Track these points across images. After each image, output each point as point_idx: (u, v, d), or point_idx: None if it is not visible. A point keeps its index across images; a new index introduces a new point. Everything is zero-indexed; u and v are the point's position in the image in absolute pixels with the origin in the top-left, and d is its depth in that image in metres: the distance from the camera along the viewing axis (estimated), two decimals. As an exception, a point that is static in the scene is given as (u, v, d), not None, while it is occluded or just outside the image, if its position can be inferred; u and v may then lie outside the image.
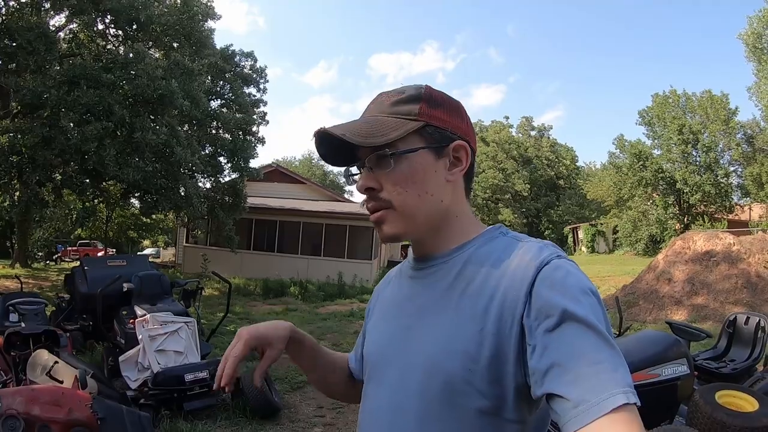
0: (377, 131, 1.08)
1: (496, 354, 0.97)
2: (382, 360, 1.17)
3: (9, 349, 6.15)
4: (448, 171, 1.13)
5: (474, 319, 1.01)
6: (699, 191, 33.21)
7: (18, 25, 13.32)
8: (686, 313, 11.66)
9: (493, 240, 1.12)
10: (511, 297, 0.98)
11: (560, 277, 0.95)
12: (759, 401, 4.25)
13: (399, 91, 1.14)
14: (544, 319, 0.92)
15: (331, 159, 1.18)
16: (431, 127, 1.11)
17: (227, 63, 19.53)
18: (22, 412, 3.88)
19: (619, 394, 0.82)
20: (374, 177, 1.11)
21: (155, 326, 6.31)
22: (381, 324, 1.24)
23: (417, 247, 1.19)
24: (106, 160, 13.19)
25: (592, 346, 0.87)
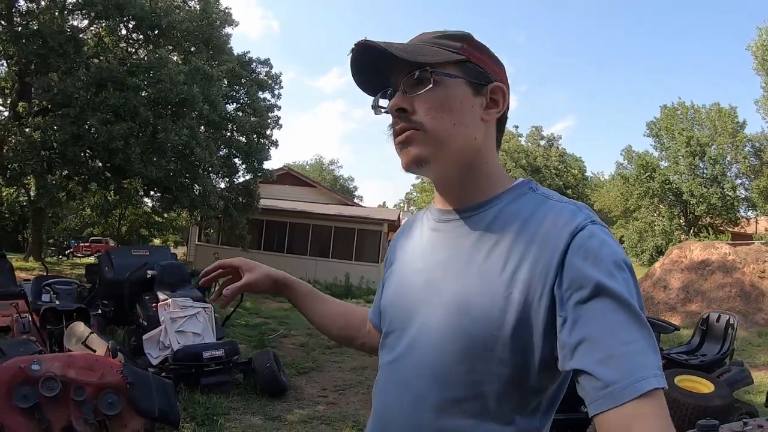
0: (420, 52, 1.05)
1: (522, 323, 0.95)
2: (402, 313, 1.14)
3: (44, 324, 6.78)
4: (483, 110, 1.10)
5: (500, 284, 0.98)
6: (705, 203, 33.39)
7: (50, 29, 13.96)
8: (680, 319, 12.05)
9: (523, 196, 1.09)
10: (542, 264, 0.95)
11: (595, 247, 0.93)
12: (715, 385, 4.84)
13: (443, 30, 1.13)
14: (576, 290, 0.90)
15: (362, 80, 1.14)
16: (471, 64, 1.09)
17: (244, 69, 20.14)
18: (59, 375, 4.41)
19: (651, 377, 0.81)
20: (408, 99, 1.06)
21: (176, 309, 6.87)
22: (400, 276, 1.21)
23: (444, 190, 1.16)
24: (131, 158, 13.91)
25: (625, 324, 0.86)
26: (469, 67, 1.08)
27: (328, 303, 1.50)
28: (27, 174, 15.82)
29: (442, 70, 1.05)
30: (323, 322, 1.47)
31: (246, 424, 5.47)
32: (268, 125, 20.13)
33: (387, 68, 1.09)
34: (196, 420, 5.27)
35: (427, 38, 1.11)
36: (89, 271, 10.62)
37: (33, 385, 4.16)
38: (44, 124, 14.98)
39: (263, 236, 23.19)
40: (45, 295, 7.55)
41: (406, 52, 1.03)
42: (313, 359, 8.68)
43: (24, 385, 4.16)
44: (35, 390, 4.14)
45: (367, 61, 1.08)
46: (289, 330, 11.33)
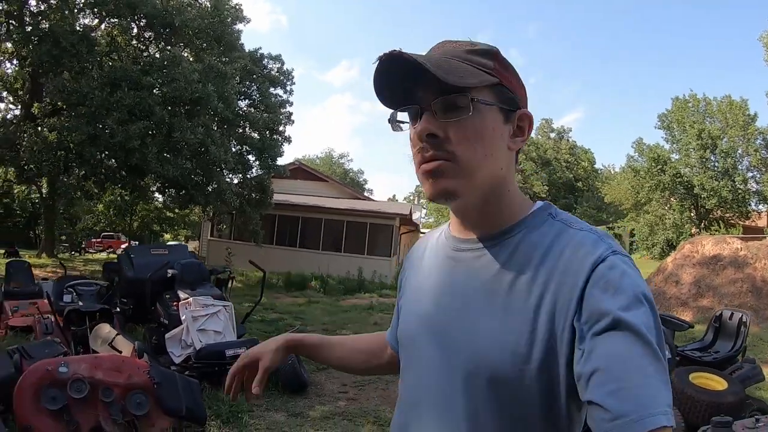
0: (455, 71, 0.99)
1: (549, 356, 0.94)
2: (420, 347, 1.13)
3: (68, 325, 6.92)
4: (510, 138, 1.07)
5: (525, 317, 0.96)
6: (716, 197, 33.31)
7: (62, 29, 14.12)
8: (692, 315, 12.06)
9: (543, 224, 1.06)
10: (563, 297, 0.94)
11: (615, 279, 0.91)
12: (728, 382, 4.98)
13: (470, 42, 1.07)
14: (594, 323, 0.88)
15: (385, 90, 1.07)
16: (503, 88, 1.05)
17: (256, 65, 20.30)
18: (87, 377, 4.41)
19: (660, 415, 0.80)
20: (440, 124, 1.00)
21: (197, 308, 7.01)
22: (418, 302, 1.18)
23: (464, 218, 1.12)
24: (148, 158, 14.10)
25: (640, 358, 0.84)
26: (501, 91, 1.04)
27: (342, 344, 1.47)
28: (43, 174, 16.04)
29: (479, 95, 1.01)
30: (345, 364, 1.46)
31: (269, 421, 5.62)
32: (280, 121, 20.28)
33: (414, 83, 1.02)
34: (221, 417, 5.41)
35: (457, 52, 1.04)
36: (107, 269, 10.76)
37: (61, 387, 4.20)
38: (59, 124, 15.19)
39: (276, 231, 23.32)
40: (67, 295, 7.75)
41: (444, 72, 0.96)
42: (332, 355, 8.79)
43: (52, 387, 4.18)
44: (64, 392, 4.18)
45: (394, 72, 1.01)
46: (305, 325, 11.48)
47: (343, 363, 1.46)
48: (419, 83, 1.02)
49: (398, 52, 0.97)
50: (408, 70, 0.99)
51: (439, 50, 1.06)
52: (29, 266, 10.91)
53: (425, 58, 0.98)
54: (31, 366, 4.41)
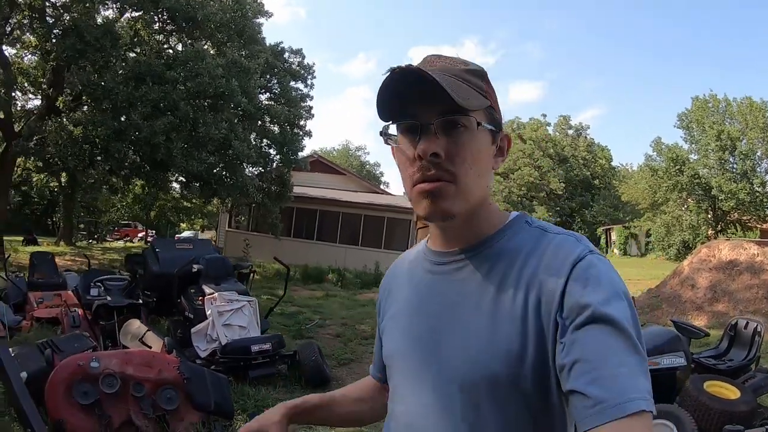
0: (462, 92, 1.00)
1: (541, 354, 0.96)
2: (411, 364, 1.12)
3: (97, 319, 7.10)
4: (494, 158, 1.11)
5: (514, 320, 0.99)
6: (733, 199, 33.05)
7: (86, 23, 14.31)
8: (706, 319, 12.06)
9: (520, 231, 1.09)
10: (546, 295, 0.97)
11: (594, 276, 0.95)
12: (741, 391, 5.11)
13: (463, 61, 1.09)
14: (575, 316, 0.91)
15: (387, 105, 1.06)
16: (492, 110, 1.08)
17: (277, 59, 20.45)
18: (118, 372, 4.58)
19: (639, 400, 0.83)
20: (441, 143, 1.01)
21: (223, 303, 7.19)
22: (402, 323, 1.18)
23: (443, 235, 1.14)
24: (173, 153, 14.35)
25: (618, 349, 0.87)
26: (491, 113, 1.08)
27: (341, 400, 1.41)
28: (69, 168, 16.30)
29: (479, 118, 1.03)
30: (349, 418, 1.43)
31: (294, 416, 5.79)
32: (302, 116, 20.47)
33: (419, 99, 1.02)
34: (247, 412, 5.57)
35: (455, 71, 1.05)
36: (130, 261, 10.87)
37: (93, 382, 4.39)
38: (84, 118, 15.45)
39: (293, 223, 23.49)
40: (94, 289, 7.89)
41: (458, 94, 0.97)
42: (351, 350, 9.03)
43: (84, 382, 4.37)
44: (95, 387, 4.37)
45: (401, 85, 1.01)
46: (323, 319, 11.65)
47: (349, 418, 1.42)
48: (423, 100, 1.01)
49: (416, 67, 0.98)
50: (414, 85, 1.00)
51: (436, 66, 1.05)
52: (53, 257, 11.10)
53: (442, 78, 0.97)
54: (63, 361, 4.55)
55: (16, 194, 31.42)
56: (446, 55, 1.10)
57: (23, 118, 17.98)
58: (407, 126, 1.05)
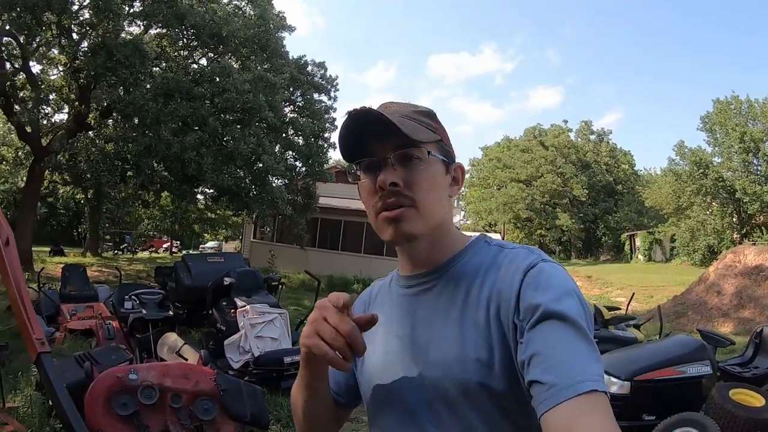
0: (413, 128, 1.11)
1: (507, 358, 1.03)
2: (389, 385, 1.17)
3: (132, 332, 7.28)
4: (449, 187, 1.20)
5: (479, 328, 1.06)
6: (758, 201, 32.65)
7: (115, 42, 14.64)
8: (732, 326, 12.11)
9: (480, 250, 1.18)
10: (504, 302, 1.04)
11: (543, 279, 1.03)
12: (766, 399, 5.18)
13: (413, 105, 1.22)
14: (530, 317, 0.98)
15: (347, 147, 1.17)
16: (443, 144, 1.19)
17: (300, 72, 20.68)
18: (156, 383, 4.69)
19: (588, 381, 0.88)
20: (398, 173, 1.11)
21: (255, 316, 7.34)
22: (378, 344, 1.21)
23: (411, 260, 1.21)
24: (204, 168, 14.64)
25: (569, 339, 0.94)
26: (441, 146, 1.18)
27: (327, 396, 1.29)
28: (101, 183, 16.66)
29: (430, 149, 1.13)
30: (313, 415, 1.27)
31: (327, 425, 5.94)
32: (325, 128, 20.71)
33: (374, 137, 1.12)
34: (281, 422, 5.76)
35: (406, 112, 1.16)
36: (160, 273, 11.05)
37: (131, 394, 4.48)
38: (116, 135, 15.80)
39: (318, 234, 23.67)
40: (128, 302, 8.03)
41: (408, 129, 1.08)
42: (379, 360, 9.09)
43: (123, 393, 4.46)
44: (134, 398, 4.47)
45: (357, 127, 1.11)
46: (350, 330, 11.77)
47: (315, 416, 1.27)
48: (379, 138, 1.12)
49: (369, 108, 1.09)
50: (370, 125, 1.10)
51: (390, 110, 1.14)
52: (85, 270, 11.26)
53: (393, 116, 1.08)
54: (102, 373, 4.65)
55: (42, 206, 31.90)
56: (398, 101, 1.22)
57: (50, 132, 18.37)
58: (367, 164, 1.15)
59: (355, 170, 1.18)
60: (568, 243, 57.08)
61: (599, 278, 25.45)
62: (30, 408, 5.00)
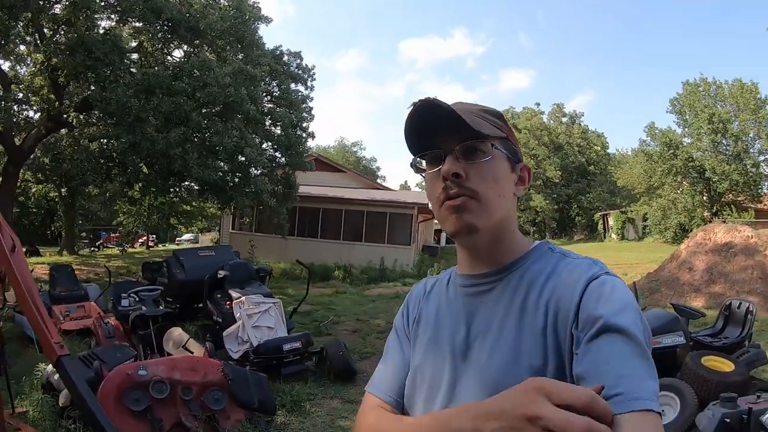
0: (478, 122, 1.11)
1: (560, 365, 1.02)
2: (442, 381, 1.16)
3: (134, 329, 7.40)
4: (515, 185, 1.20)
5: (536, 335, 1.05)
6: (727, 180, 33.35)
7: (94, 38, 14.56)
8: (704, 300, 12.49)
9: (543, 256, 1.17)
10: (563, 311, 1.03)
11: (606, 292, 1.01)
12: (736, 365, 5.73)
13: (480, 105, 1.21)
14: (588, 329, 0.97)
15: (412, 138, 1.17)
16: (509, 143, 1.18)
17: (277, 63, 20.71)
18: (166, 378, 4.97)
19: (647, 399, 0.85)
20: (462, 165, 1.12)
21: (250, 306, 7.57)
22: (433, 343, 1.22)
23: (472, 259, 1.21)
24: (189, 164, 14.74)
25: (627, 354, 0.91)
26: (508, 144, 1.18)
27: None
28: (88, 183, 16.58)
29: (495, 144, 1.14)
30: None
31: (328, 408, 6.26)
32: (304, 118, 20.81)
33: (439, 130, 1.12)
34: (285, 407, 6.03)
35: (472, 109, 1.16)
36: (147, 269, 10.98)
37: (143, 389, 4.79)
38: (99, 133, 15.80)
39: (297, 222, 23.77)
40: (125, 300, 8.19)
41: (473, 122, 1.08)
42: (371, 344, 9.44)
43: (134, 389, 4.77)
44: (146, 393, 4.78)
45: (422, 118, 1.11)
46: (338, 316, 12.10)
47: None
48: (444, 132, 1.12)
49: (433, 99, 1.09)
50: (434, 118, 1.11)
51: (458, 106, 1.13)
52: (72, 270, 11.27)
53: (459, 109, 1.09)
54: (111, 371, 4.91)
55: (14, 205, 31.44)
56: (466, 102, 1.22)
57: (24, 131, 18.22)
58: (433, 155, 1.16)
59: (420, 162, 1.21)
60: (542, 224, 57.78)
61: (574, 258, 25.82)
62: (40, 411, 5.08)
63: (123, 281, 10.47)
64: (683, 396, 5.31)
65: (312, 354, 7.61)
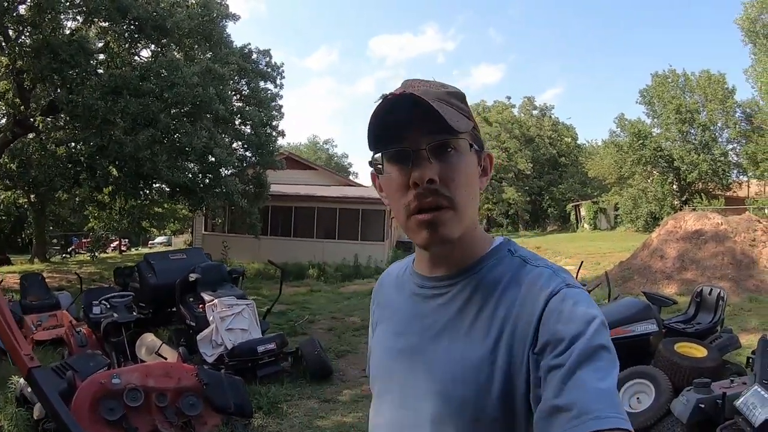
0: (452, 116, 0.99)
1: (508, 386, 0.97)
2: (391, 378, 1.14)
3: (107, 337, 7.17)
4: (479, 179, 1.10)
5: (485, 350, 1.00)
6: (696, 169, 33.93)
7: (59, 41, 14.23)
8: (676, 287, 12.62)
9: (502, 261, 1.09)
10: (520, 330, 0.97)
11: (567, 309, 0.95)
12: (708, 350, 5.79)
13: (442, 84, 1.09)
14: (551, 351, 0.92)
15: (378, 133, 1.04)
16: (475, 131, 1.08)
17: (246, 61, 20.51)
18: (140, 385, 4.87)
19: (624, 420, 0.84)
20: (434, 168, 1.00)
21: (224, 309, 7.53)
22: (386, 340, 1.20)
23: (436, 257, 1.13)
24: (159, 165, 14.49)
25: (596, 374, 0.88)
26: (474, 134, 1.07)
27: None
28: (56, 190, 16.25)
29: (467, 139, 1.04)
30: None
31: (306, 408, 6.22)
32: (274, 117, 20.61)
33: (406, 126, 1.01)
34: (262, 409, 5.98)
35: (439, 94, 1.04)
36: (119, 274, 10.90)
37: (117, 398, 4.69)
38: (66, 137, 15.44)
39: (269, 222, 23.55)
40: (96, 307, 7.90)
41: (449, 116, 0.97)
42: (346, 342, 9.42)
43: (108, 398, 4.66)
44: (120, 402, 4.67)
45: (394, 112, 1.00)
46: (313, 314, 12.04)
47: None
48: (412, 126, 1.01)
49: (410, 93, 0.98)
50: (406, 113, 0.99)
51: (419, 89, 1.02)
52: (43, 278, 10.97)
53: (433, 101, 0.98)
54: (85, 381, 4.79)
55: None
56: (424, 79, 1.09)
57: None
58: (397, 154, 1.03)
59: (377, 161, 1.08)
60: (515, 216, 58.17)
61: (548, 248, 26.17)
62: (15, 425, 4.99)
63: (95, 288, 10.26)
64: (658, 383, 5.35)
65: (287, 354, 7.56)
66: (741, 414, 4.21)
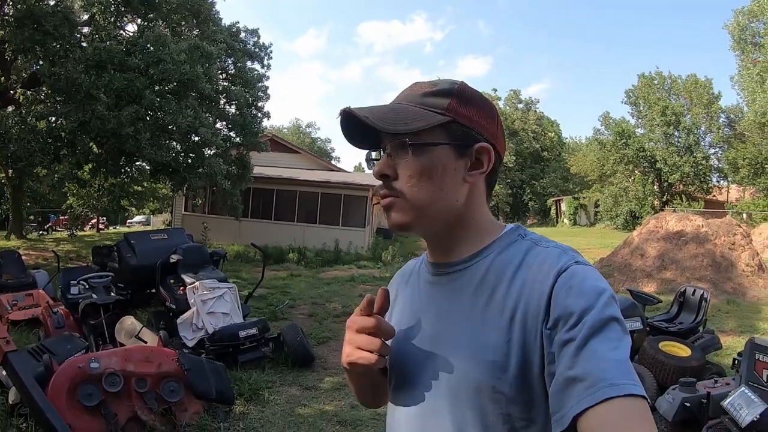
0: (402, 119, 1.07)
1: (524, 364, 1.00)
2: (409, 366, 1.17)
3: (85, 318, 6.92)
4: (467, 171, 1.12)
5: (500, 330, 1.03)
6: (678, 171, 34.31)
7: (43, 11, 13.79)
8: (656, 286, 12.78)
9: (512, 244, 1.12)
10: (533, 307, 1.00)
11: (577, 283, 0.98)
12: (692, 350, 5.85)
13: (432, 84, 1.14)
14: (563, 325, 0.95)
15: (354, 140, 1.18)
16: (457, 125, 1.10)
17: (234, 40, 20.23)
18: (119, 370, 4.69)
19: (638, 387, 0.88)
20: (391, 164, 1.11)
21: (205, 292, 7.34)
22: (404, 328, 1.21)
23: (433, 248, 1.21)
24: (142, 143, 14.23)
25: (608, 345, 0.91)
26: (454, 128, 1.10)
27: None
28: (35, 166, 15.91)
29: (426, 137, 1.08)
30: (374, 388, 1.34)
31: (287, 395, 6.12)
32: (260, 98, 20.36)
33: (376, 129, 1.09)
34: (243, 396, 5.86)
35: (415, 96, 1.12)
36: (98, 253, 10.50)
37: (95, 383, 4.52)
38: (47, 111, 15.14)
39: (250, 204, 23.33)
40: (74, 287, 7.74)
41: (385, 122, 1.06)
42: (327, 328, 9.34)
43: (86, 383, 4.49)
44: (98, 387, 4.51)
45: (354, 125, 1.11)
46: (293, 299, 11.95)
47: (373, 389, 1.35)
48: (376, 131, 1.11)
49: (348, 111, 1.08)
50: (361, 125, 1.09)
51: (405, 92, 1.15)
52: (20, 256, 10.66)
53: (373, 111, 1.08)
54: (62, 365, 4.61)
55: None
56: (424, 81, 1.17)
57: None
58: (367, 155, 1.22)
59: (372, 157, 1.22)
60: (495, 208, 58.31)
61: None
62: None
63: (73, 267, 10.01)
64: (643, 380, 5.33)
65: (269, 340, 7.42)
66: (728, 414, 4.24)
